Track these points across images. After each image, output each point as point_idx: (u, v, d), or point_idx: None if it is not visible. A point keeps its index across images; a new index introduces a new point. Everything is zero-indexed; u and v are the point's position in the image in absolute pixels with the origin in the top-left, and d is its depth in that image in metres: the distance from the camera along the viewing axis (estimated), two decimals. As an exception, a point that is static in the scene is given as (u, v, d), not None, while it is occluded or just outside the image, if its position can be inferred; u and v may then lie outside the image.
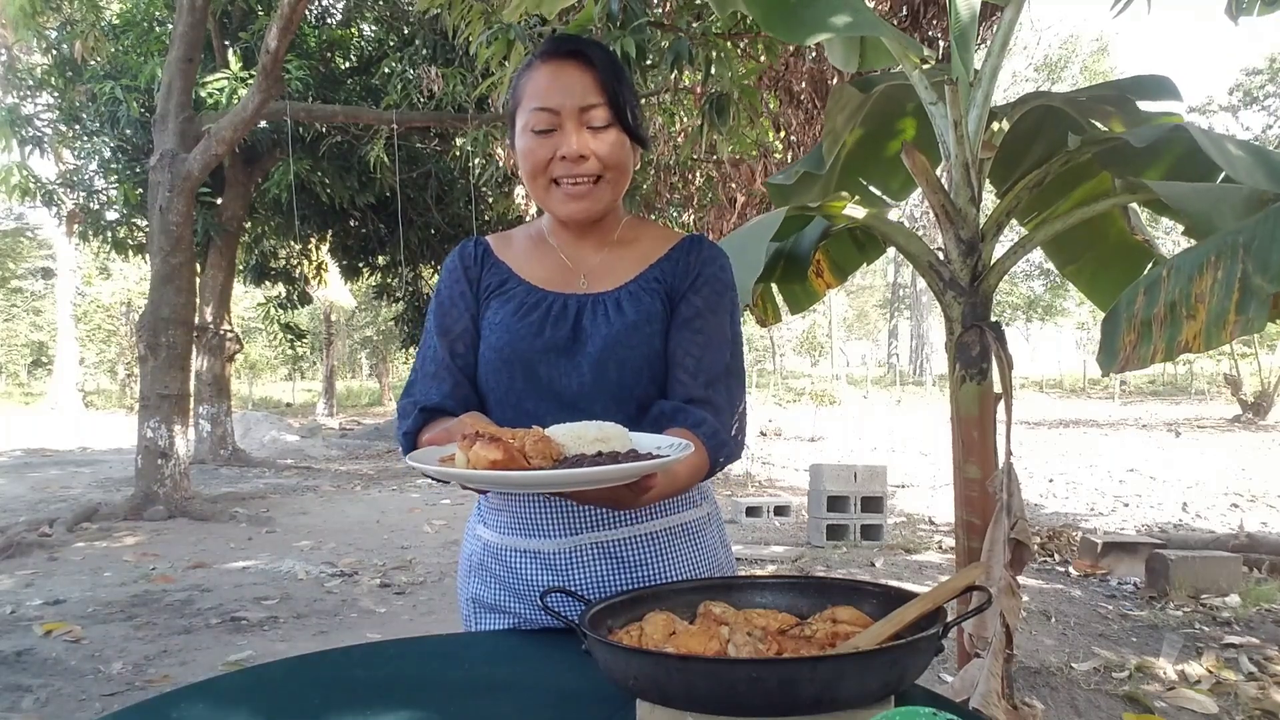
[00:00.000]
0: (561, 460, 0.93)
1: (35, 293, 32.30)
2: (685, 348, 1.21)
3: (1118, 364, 1.94)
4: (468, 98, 8.46)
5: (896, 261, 33.25)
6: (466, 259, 1.30)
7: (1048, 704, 3.20)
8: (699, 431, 1.14)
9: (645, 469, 0.91)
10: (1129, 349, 1.93)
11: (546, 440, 0.93)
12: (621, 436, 0.97)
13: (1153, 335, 1.89)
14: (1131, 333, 1.92)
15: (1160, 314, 1.87)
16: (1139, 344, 1.91)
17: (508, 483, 0.91)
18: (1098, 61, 31.18)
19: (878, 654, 0.82)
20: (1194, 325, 1.81)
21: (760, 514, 7.19)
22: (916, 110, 2.86)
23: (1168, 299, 1.86)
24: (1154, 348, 1.88)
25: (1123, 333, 1.94)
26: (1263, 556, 5.16)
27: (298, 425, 17.25)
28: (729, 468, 1.52)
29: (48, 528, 6.51)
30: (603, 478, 0.90)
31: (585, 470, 0.89)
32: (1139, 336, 1.91)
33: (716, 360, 1.21)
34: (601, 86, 1.18)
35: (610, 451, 0.94)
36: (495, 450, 0.89)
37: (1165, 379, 28.85)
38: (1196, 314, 1.80)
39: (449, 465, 0.94)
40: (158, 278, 7.68)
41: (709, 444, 1.15)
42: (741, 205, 7.81)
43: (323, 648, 1.25)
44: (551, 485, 0.94)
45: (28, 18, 8.18)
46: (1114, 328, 1.97)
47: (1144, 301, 1.91)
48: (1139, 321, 1.91)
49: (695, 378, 1.19)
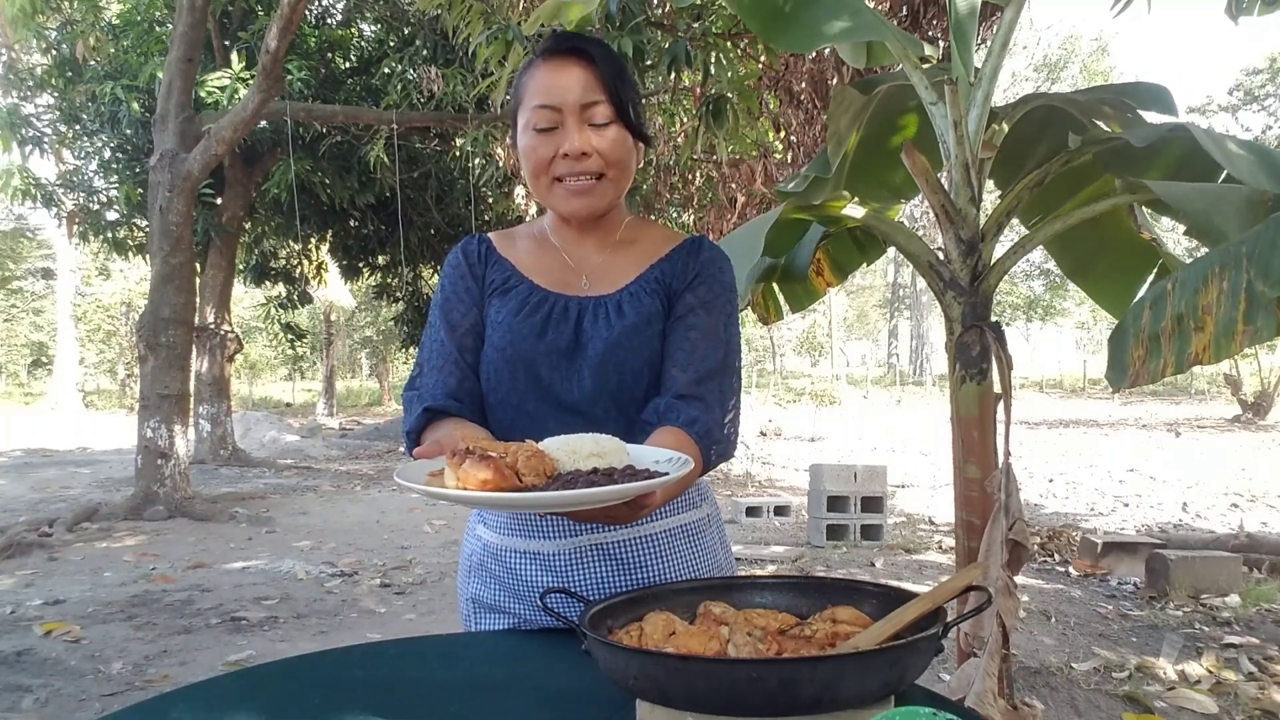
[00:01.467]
0: (555, 477, 0.90)
1: (35, 293, 32.30)
2: (679, 343, 1.20)
3: (1128, 379, 1.95)
4: (468, 98, 8.46)
5: (896, 261, 33.26)
6: (470, 255, 1.29)
7: (1048, 704, 3.20)
8: (691, 430, 1.13)
9: (639, 489, 0.87)
10: (1138, 364, 1.93)
11: (540, 455, 0.90)
12: (618, 451, 0.94)
13: (1162, 349, 1.89)
14: (1140, 348, 1.93)
15: (1168, 327, 1.87)
16: (1148, 359, 1.91)
17: (498, 504, 0.87)
18: (1098, 61, 31.17)
19: (878, 654, 0.82)
20: (1203, 337, 1.81)
21: (760, 514, 7.19)
22: (917, 110, 2.86)
23: (1175, 312, 1.86)
24: (1164, 361, 1.88)
25: (1131, 348, 1.94)
26: (1263, 556, 5.16)
27: (298, 425, 17.24)
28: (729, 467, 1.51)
29: (48, 528, 6.51)
30: (596, 499, 0.86)
31: (577, 493, 0.85)
32: (1148, 352, 1.91)
33: (710, 357, 1.20)
34: (603, 83, 1.18)
35: (606, 468, 0.91)
36: (485, 469, 0.85)
37: (1165, 379, 28.81)
38: (1204, 326, 1.81)
39: (438, 480, 0.91)
40: (158, 278, 7.68)
41: (701, 442, 1.14)
42: (741, 205, 7.81)
43: (323, 648, 1.25)
44: (542, 507, 0.91)
45: (28, 18, 8.18)
46: (1122, 344, 1.97)
47: (1150, 316, 1.91)
48: (1147, 336, 1.91)
49: (686, 372, 1.18)
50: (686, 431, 1.12)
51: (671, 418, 1.14)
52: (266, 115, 8.50)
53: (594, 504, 0.88)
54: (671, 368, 1.19)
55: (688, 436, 1.12)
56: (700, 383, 1.17)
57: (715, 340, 1.21)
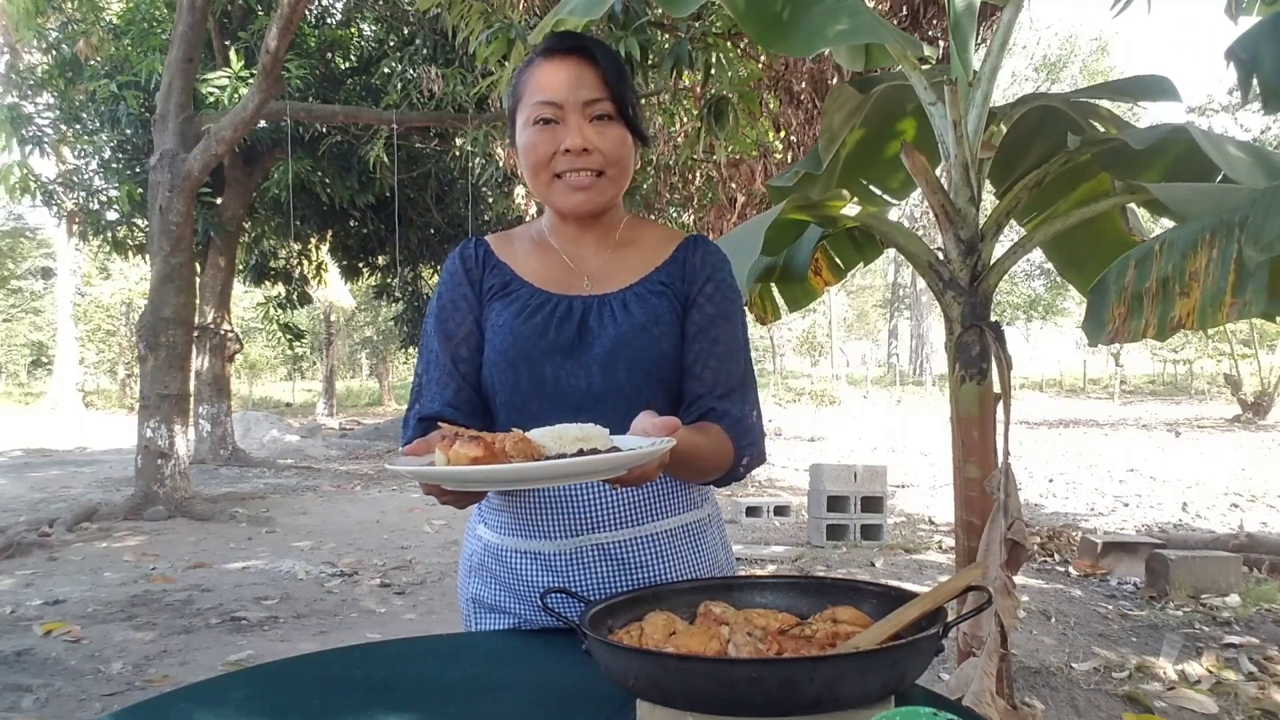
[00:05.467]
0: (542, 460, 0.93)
1: (35, 293, 32.30)
2: (702, 359, 1.21)
3: (1106, 335, 1.92)
4: (468, 98, 8.46)
5: (896, 261, 33.24)
6: (468, 260, 1.29)
7: (1048, 704, 3.20)
8: (722, 423, 1.19)
9: (624, 459, 0.91)
10: (1119, 321, 1.90)
11: (527, 441, 0.93)
12: (602, 436, 0.97)
13: (1144, 309, 1.86)
14: (1121, 305, 1.90)
15: (1152, 288, 1.84)
16: (1129, 317, 1.88)
17: (486, 478, 0.91)
18: (1097, 61, 31.16)
19: (878, 654, 0.82)
20: (1187, 302, 1.78)
21: (760, 514, 7.19)
22: (916, 110, 2.87)
23: (1160, 274, 1.83)
24: (1145, 322, 1.85)
25: (1112, 304, 1.91)
26: (1263, 556, 5.16)
27: (298, 425, 17.24)
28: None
29: (48, 528, 6.51)
30: (580, 469, 0.91)
31: (563, 462, 0.89)
32: (1129, 310, 1.88)
33: (733, 370, 1.23)
34: (604, 81, 1.18)
35: (591, 449, 0.95)
36: (475, 447, 0.89)
37: (1165, 379, 28.86)
38: (1190, 291, 1.78)
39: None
40: (158, 278, 7.68)
41: (733, 431, 1.19)
42: (741, 205, 7.81)
43: (323, 648, 1.25)
44: (529, 478, 0.94)
45: (29, 17, 8.18)
46: (1102, 299, 1.94)
47: (1135, 274, 1.88)
48: (1129, 294, 1.88)
49: (712, 390, 1.21)
50: (719, 424, 1.18)
51: (712, 419, 1.19)
52: (266, 115, 8.50)
53: (577, 476, 0.95)
54: (695, 384, 1.21)
55: (718, 427, 1.18)
56: (724, 398, 1.21)
57: (736, 352, 1.25)
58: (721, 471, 1.20)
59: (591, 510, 1.21)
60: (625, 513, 1.22)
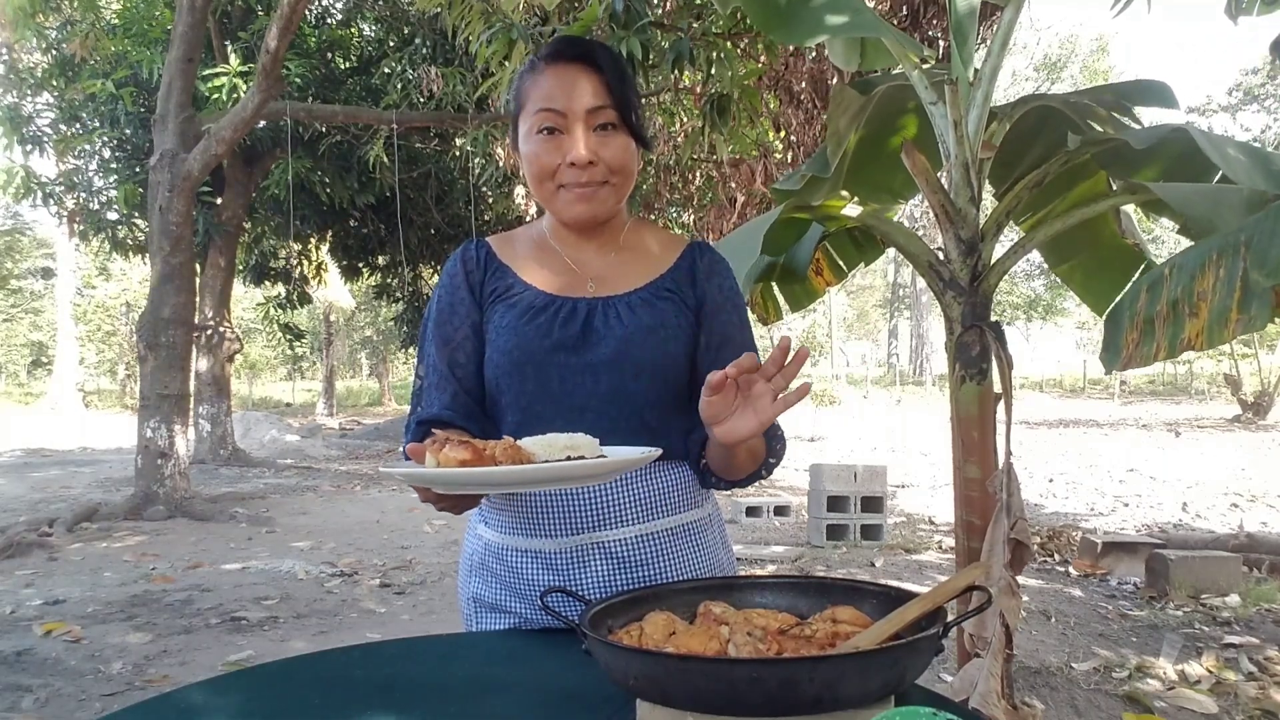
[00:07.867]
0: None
1: (35, 293, 32.32)
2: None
3: (1121, 362, 1.95)
4: (468, 98, 8.46)
5: (896, 261, 33.24)
6: (469, 263, 1.28)
7: (1048, 704, 3.20)
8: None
9: (608, 465, 0.95)
10: (1132, 347, 1.93)
11: (516, 448, 0.95)
12: (590, 445, 0.99)
13: (1155, 333, 1.89)
14: (1134, 331, 1.93)
15: (1163, 312, 1.88)
16: (1142, 342, 1.91)
17: (472, 480, 0.93)
18: (1097, 61, 31.17)
19: (878, 654, 0.82)
20: (1196, 323, 1.81)
21: (760, 514, 7.19)
22: (917, 110, 2.86)
23: (1170, 297, 1.86)
24: (1157, 345, 1.89)
25: (1125, 331, 1.95)
26: (1263, 556, 5.16)
27: (298, 425, 17.24)
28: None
29: (48, 528, 6.51)
30: (565, 474, 0.93)
31: (547, 466, 0.91)
32: (1142, 335, 1.92)
33: None
34: (609, 90, 1.18)
35: (578, 456, 0.98)
36: (464, 451, 0.91)
37: (1165, 379, 28.85)
38: (1199, 312, 1.81)
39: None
40: (158, 278, 7.68)
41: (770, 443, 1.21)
42: (741, 205, 7.81)
43: (323, 648, 1.25)
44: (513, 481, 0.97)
45: (27, 17, 8.18)
46: (1117, 326, 1.97)
47: (1147, 300, 1.91)
48: (1141, 320, 1.92)
49: None
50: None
51: None
52: (266, 115, 8.50)
53: (560, 481, 0.98)
54: None
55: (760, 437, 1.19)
56: None
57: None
58: (755, 467, 1.22)
59: (592, 509, 1.21)
60: (626, 512, 1.22)
